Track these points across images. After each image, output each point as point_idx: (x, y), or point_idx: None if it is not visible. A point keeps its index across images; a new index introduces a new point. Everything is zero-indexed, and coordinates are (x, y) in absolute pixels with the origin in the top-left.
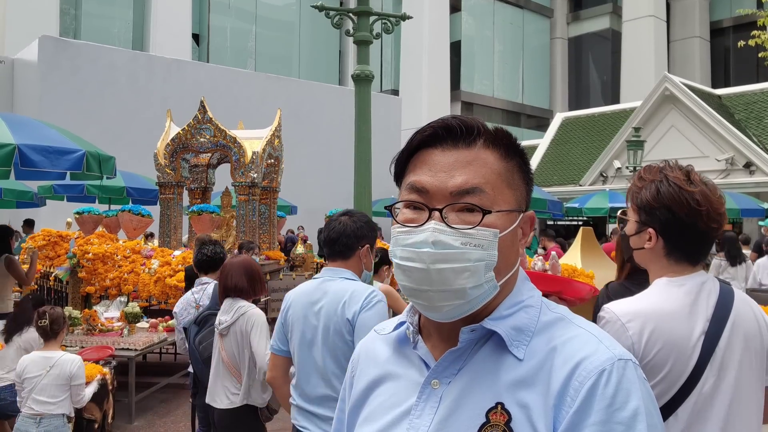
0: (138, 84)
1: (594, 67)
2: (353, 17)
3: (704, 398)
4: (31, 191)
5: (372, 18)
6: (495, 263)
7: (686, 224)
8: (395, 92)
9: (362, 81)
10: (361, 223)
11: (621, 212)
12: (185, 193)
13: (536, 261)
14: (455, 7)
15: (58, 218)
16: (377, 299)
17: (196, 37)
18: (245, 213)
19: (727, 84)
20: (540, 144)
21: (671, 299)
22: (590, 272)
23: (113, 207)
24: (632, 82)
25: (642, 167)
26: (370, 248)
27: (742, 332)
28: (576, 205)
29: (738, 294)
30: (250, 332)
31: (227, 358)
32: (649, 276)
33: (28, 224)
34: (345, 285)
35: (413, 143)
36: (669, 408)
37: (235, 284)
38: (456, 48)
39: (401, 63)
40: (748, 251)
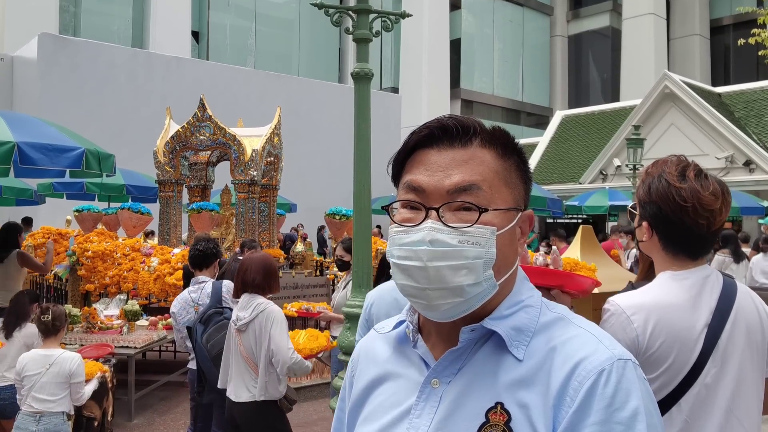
0: (137, 81)
1: (594, 65)
2: (353, 15)
3: (707, 389)
4: (31, 189)
5: (372, 16)
6: (493, 261)
7: (673, 220)
8: (395, 90)
9: (362, 79)
10: None
11: (632, 206)
12: (185, 191)
13: (538, 256)
14: (455, 5)
15: (58, 216)
16: None
17: (196, 35)
18: (245, 211)
19: (727, 82)
20: (540, 142)
21: (674, 292)
22: (592, 265)
23: (113, 205)
24: (632, 80)
25: (655, 160)
26: None
27: (744, 325)
28: (576, 203)
29: (741, 288)
30: (270, 329)
31: (245, 353)
32: (655, 269)
33: (26, 222)
34: None
35: (410, 144)
36: (672, 399)
37: (253, 280)
38: (456, 46)
39: (401, 61)
40: (748, 249)
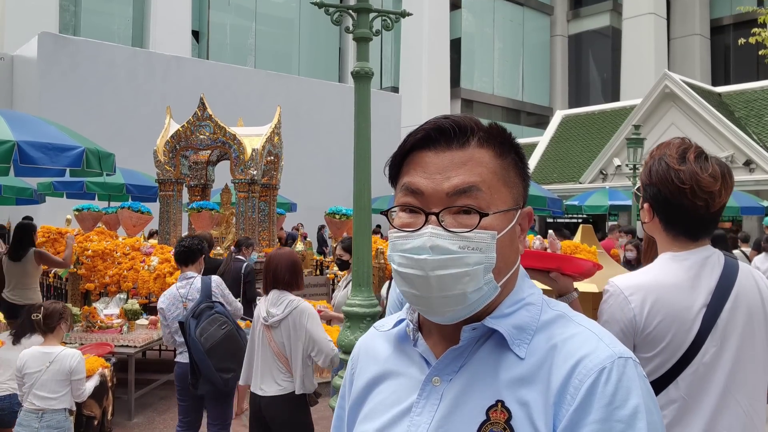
0: (137, 81)
1: (594, 65)
2: (353, 14)
3: (705, 368)
4: (31, 188)
5: (372, 15)
6: (494, 265)
7: (672, 202)
8: (395, 89)
9: (362, 78)
10: None
11: (636, 188)
12: (185, 190)
13: (535, 240)
14: (455, 5)
15: (58, 215)
16: None
17: (196, 34)
18: (245, 210)
19: (728, 82)
20: (540, 141)
21: (673, 273)
22: (593, 248)
23: (113, 204)
24: (632, 80)
25: (660, 143)
26: None
27: (745, 304)
28: (576, 203)
29: (744, 268)
30: (306, 324)
31: (277, 348)
32: (657, 249)
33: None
34: None
35: (406, 146)
36: (669, 377)
37: (283, 277)
38: (456, 45)
39: (401, 60)
40: (748, 249)
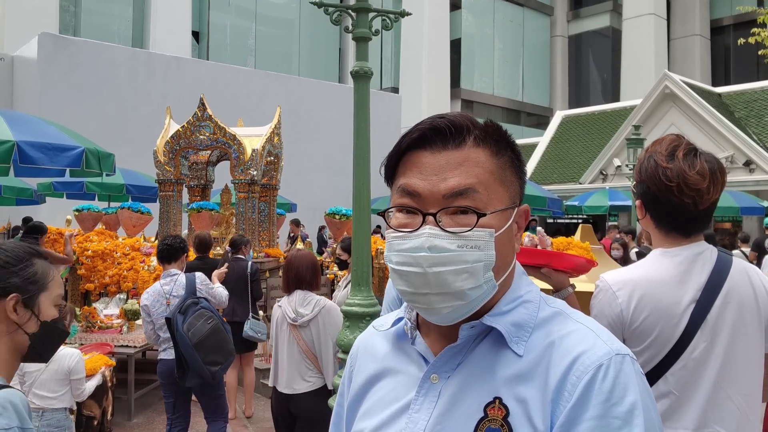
0: (138, 81)
1: (594, 65)
2: (352, 14)
3: (694, 363)
4: (31, 188)
5: (371, 14)
6: (493, 263)
7: (660, 199)
8: (395, 90)
9: (361, 77)
10: None
11: (633, 185)
12: (185, 191)
13: (525, 237)
14: (455, 5)
15: (58, 215)
16: None
17: (196, 35)
18: (245, 210)
19: (728, 82)
20: (540, 142)
21: (663, 268)
22: (586, 244)
23: (113, 204)
24: (632, 80)
25: (656, 140)
26: None
27: (737, 300)
28: (576, 203)
29: (737, 264)
30: (336, 321)
31: (306, 347)
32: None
33: (26, 222)
34: None
35: (402, 146)
36: (658, 371)
37: (306, 277)
38: (456, 46)
39: (401, 61)
40: (747, 249)
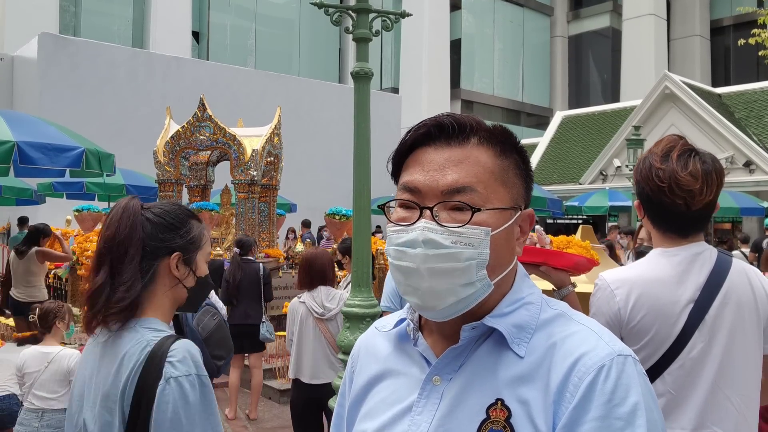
0: (137, 81)
1: (594, 66)
2: (352, 14)
3: (692, 363)
4: (31, 189)
5: (371, 15)
6: (487, 261)
7: (653, 199)
8: (395, 90)
9: (361, 78)
10: None
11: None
12: (185, 191)
13: None
14: (455, 5)
15: (58, 216)
16: None
17: (196, 35)
18: (245, 211)
19: (727, 82)
20: (540, 142)
21: (661, 268)
22: (586, 243)
23: (113, 204)
24: (632, 81)
25: (658, 140)
26: None
27: (736, 301)
28: (576, 204)
29: (736, 264)
30: None
31: (332, 339)
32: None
33: (22, 222)
34: None
35: (407, 142)
36: (655, 371)
37: (328, 275)
38: (456, 46)
39: (401, 61)
40: (747, 249)
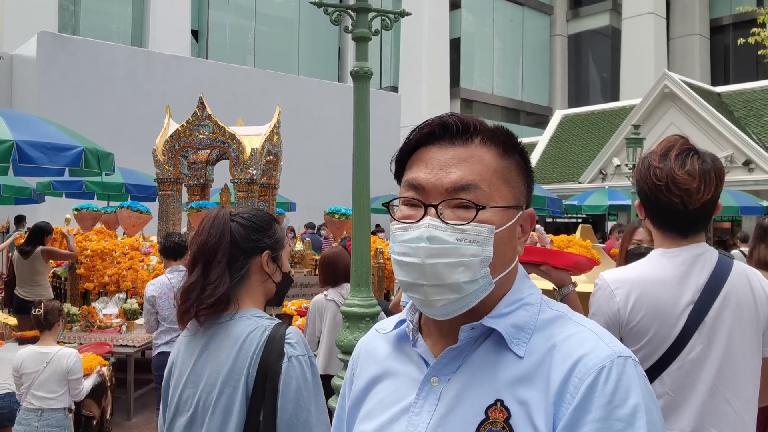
0: (137, 80)
1: (593, 65)
2: (352, 13)
3: (691, 364)
4: (30, 188)
5: (371, 14)
6: (490, 259)
7: (651, 198)
8: (395, 89)
9: (361, 77)
10: None
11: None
12: (184, 190)
13: None
14: (455, 4)
15: (57, 215)
16: None
17: (196, 34)
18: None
19: (727, 81)
20: (539, 141)
21: (662, 268)
22: (587, 242)
23: (112, 203)
24: (632, 80)
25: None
26: None
27: (735, 303)
28: (575, 203)
29: (737, 266)
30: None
31: None
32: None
33: (19, 220)
34: None
35: (411, 141)
36: (654, 372)
37: (349, 272)
38: (455, 45)
39: (401, 60)
40: (746, 248)
